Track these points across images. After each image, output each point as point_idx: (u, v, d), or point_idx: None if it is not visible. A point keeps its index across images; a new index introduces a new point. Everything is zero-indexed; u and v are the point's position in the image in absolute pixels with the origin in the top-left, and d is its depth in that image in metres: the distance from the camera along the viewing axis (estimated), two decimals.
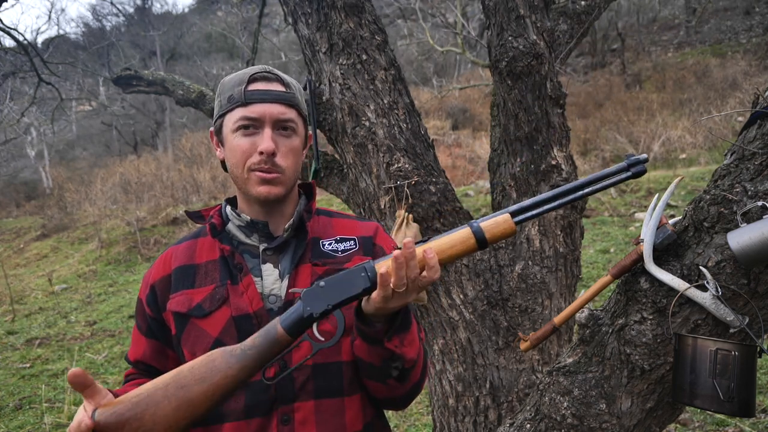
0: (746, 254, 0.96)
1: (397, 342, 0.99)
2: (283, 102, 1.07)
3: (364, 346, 1.01)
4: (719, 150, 10.62)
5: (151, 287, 1.13)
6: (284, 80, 1.10)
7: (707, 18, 19.23)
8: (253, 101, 1.05)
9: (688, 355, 1.03)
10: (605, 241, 6.65)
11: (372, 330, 0.97)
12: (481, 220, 0.92)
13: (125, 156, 20.48)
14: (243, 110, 1.06)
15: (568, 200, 0.94)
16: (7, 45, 6.21)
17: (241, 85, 1.07)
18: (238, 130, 1.06)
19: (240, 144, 1.06)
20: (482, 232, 0.90)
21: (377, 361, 1.02)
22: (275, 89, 1.08)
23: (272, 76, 1.09)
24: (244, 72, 1.09)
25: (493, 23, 2.08)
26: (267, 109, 1.05)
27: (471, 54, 9.95)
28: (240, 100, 1.06)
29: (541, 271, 2.15)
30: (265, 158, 1.05)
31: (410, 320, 1.03)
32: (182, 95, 3.56)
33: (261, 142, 1.05)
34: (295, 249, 1.12)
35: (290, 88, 1.10)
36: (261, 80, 1.08)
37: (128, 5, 25.24)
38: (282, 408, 1.03)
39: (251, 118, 1.05)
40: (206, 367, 0.91)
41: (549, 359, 2.17)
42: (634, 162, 0.95)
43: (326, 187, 2.51)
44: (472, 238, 0.91)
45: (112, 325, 6.56)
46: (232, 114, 1.07)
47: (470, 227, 0.91)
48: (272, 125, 1.06)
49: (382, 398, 1.12)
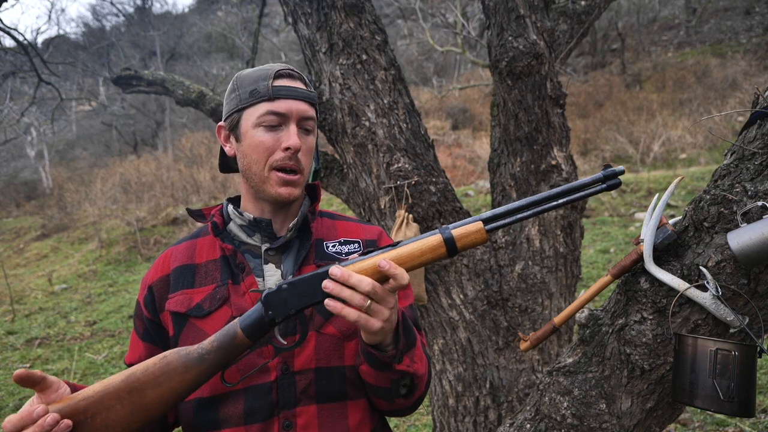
0: (746, 254, 0.96)
1: (408, 361, 0.98)
2: (308, 100, 1.07)
3: (372, 372, 0.99)
4: (719, 150, 10.63)
5: (149, 288, 1.11)
6: (305, 80, 1.10)
7: (707, 18, 19.23)
8: (281, 96, 1.04)
9: (688, 355, 1.03)
10: (605, 241, 6.65)
11: (384, 355, 0.95)
12: (454, 226, 0.89)
13: (125, 156, 20.49)
14: (269, 105, 1.04)
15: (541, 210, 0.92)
16: (7, 45, 6.21)
17: (267, 80, 1.05)
18: (261, 125, 1.05)
19: (263, 139, 1.04)
20: (453, 240, 0.88)
21: (386, 384, 1.00)
22: (300, 87, 1.08)
23: (296, 74, 1.09)
24: (268, 68, 1.08)
25: (493, 23, 2.08)
26: (294, 106, 1.05)
27: (471, 54, 9.96)
28: (267, 94, 1.04)
29: (541, 271, 2.15)
30: (290, 155, 1.04)
31: (415, 335, 1.01)
32: (182, 95, 3.56)
33: (287, 139, 1.04)
34: (298, 250, 1.10)
35: (311, 87, 1.10)
36: (286, 77, 1.07)
37: (128, 5, 25.26)
38: (283, 413, 1.01)
39: (278, 113, 1.04)
40: (161, 371, 0.88)
41: (549, 359, 2.17)
42: (610, 174, 0.92)
43: (326, 187, 2.52)
44: (443, 247, 0.88)
45: (112, 325, 6.56)
46: (255, 108, 1.05)
47: (441, 235, 0.88)
48: (297, 122, 1.06)
49: (385, 411, 1.11)
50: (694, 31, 18.88)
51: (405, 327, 0.97)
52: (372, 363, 0.97)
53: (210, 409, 1.03)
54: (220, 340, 0.91)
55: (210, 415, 1.03)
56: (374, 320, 0.88)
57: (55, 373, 5.24)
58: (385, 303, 0.88)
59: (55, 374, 5.22)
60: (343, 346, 1.05)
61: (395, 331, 0.95)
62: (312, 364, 1.03)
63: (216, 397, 1.02)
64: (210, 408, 1.03)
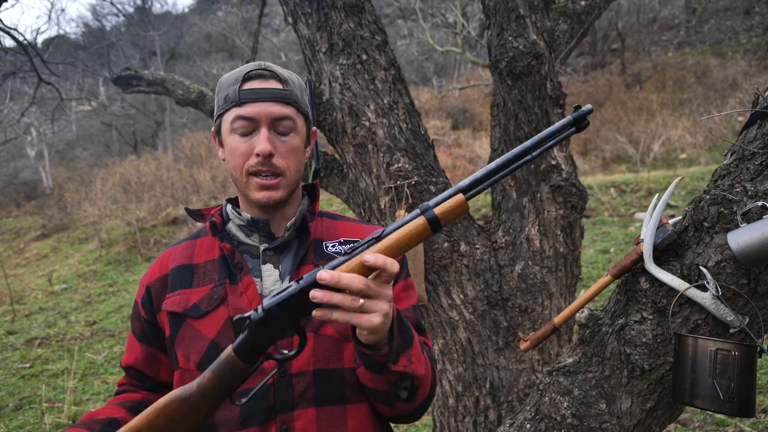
0: (746, 254, 0.96)
1: (405, 361, 0.95)
2: (280, 100, 1.03)
3: (368, 375, 0.96)
4: (719, 150, 10.63)
5: (147, 288, 1.10)
6: (281, 76, 1.05)
7: (707, 18, 19.24)
8: (248, 100, 1.01)
9: (688, 355, 1.03)
10: (605, 241, 6.65)
11: (378, 354, 0.91)
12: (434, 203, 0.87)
13: (125, 156, 20.48)
14: (238, 110, 1.01)
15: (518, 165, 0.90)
16: (7, 45, 6.21)
17: (236, 84, 1.02)
18: (235, 131, 1.03)
19: (237, 146, 1.03)
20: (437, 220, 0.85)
21: (384, 387, 0.97)
22: (271, 87, 1.03)
23: (268, 73, 1.04)
24: (240, 70, 1.05)
25: (493, 23, 2.08)
26: (262, 109, 1.01)
27: (471, 54, 9.96)
28: (235, 100, 1.02)
29: (541, 271, 2.15)
30: (262, 160, 1.01)
31: (412, 334, 0.98)
32: (182, 95, 3.56)
33: (257, 144, 1.01)
34: (296, 250, 1.09)
35: (288, 84, 1.05)
36: (256, 78, 1.03)
37: (128, 5, 25.24)
38: (281, 416, 0.98)
39: (246, 117, 1.01)
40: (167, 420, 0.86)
41: (549, 359, 2.17)
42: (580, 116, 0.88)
43: (326, 187, 2.51)
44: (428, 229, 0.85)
45: (112, 325, 6.56)
46: (228, 114, 1.04)
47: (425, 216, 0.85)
48: (268, 125, 1.02)
49: (389, 417, 1.09)
50: (694, 31, 18.89)
51: (400, 325, 0.94)
52: (367, 364, 0.94)
53: None
54: (216, 371, 0.87)
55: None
56: (372, 316, 0.83)
57: (55, 374, 5.24)
58: (381, 296, 0.84)
59: (54, 374, 5.23)
60: (342, 347, 1.03)
61: (390, 329, 0.91)
62: (310, 367, 1.01)
63: None
64: None
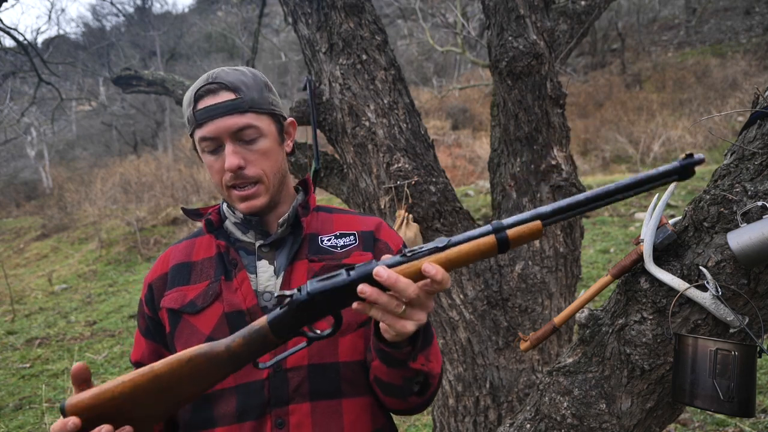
0: (746, 254, 0.96)
1: (423, 360, 0.95)
2: (233, 111, 1.01)
3: (384, 368, 0.96)
4: (719, 150, 10.62)
5: (149, 286, 1.13)
6: (231, 85, 1.02)
7: (707, 18, 19.24)
8: (204, 120, 1.02)
9: (688, 355, 1.03)
10: (605, 241, 6.65)
11: (398, 352, 0.91)
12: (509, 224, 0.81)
13: (125, 156, 20.48)
14: (199, 131, 1.03)
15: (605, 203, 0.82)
16: (7, 45, 6.21)
17: (190, 106, 1.04)
18: (204, 151, 1.05)
19: (212, 164, 1.05)
20: (507, 242, 0.80)
21: (399, 381, 0.97)
22: (222, 101, 1.01)
23: (215, 87, 1.02)
24: (192, 88, 1.05)
25: (493, 23, 2.08)
26: (220, 125, 1.01)
27: (471, 54, 9.96)
28: (193, 122, 1.04)
29: (541, 271, 2.15)
30: (234, 174, 1.03)
31: (432, 333, 0.98)
32: (182, 95, 3.56)
33: (226, 160, 1.02)
34: (291, 245, 1.10)
35: (240, 91, 1.03)
36: (206, 95, 1.02)
37: (128, 5, 25.25)
38: (276, 411, 0.99)
39: (207, 138, 1.02)
40: (190, 372, 0.87)
41: (549, 359, 2.17)
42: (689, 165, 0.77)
43: (326, 187, 2.51)
44: (495, 249, 0.81)
45: (112, 325, 6.56)
46: (195, 135, 1.06)
47: (494, 236, 0.81)
48: (231, 138, 1.02)
49: (396, 410, 1.09)
50: (694, 31, 18.89)
51: (425, 325, 0.94)
52: (384, 359, 0.94)
53: (204, 407, 1.03)
54: (247, 338, 0.88)
55: (204, 413, 1.03)
56: (408, 323, 0.82)
57: (55, 374, 5.24)
58: (424, 307, 0.83)
59: (55, 374, 5.23)
60: (336, 342, 1.04)
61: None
62: (305, 361, 1.01)
63: (208, 394, 1.02)
64: (204, 406, 1.03)
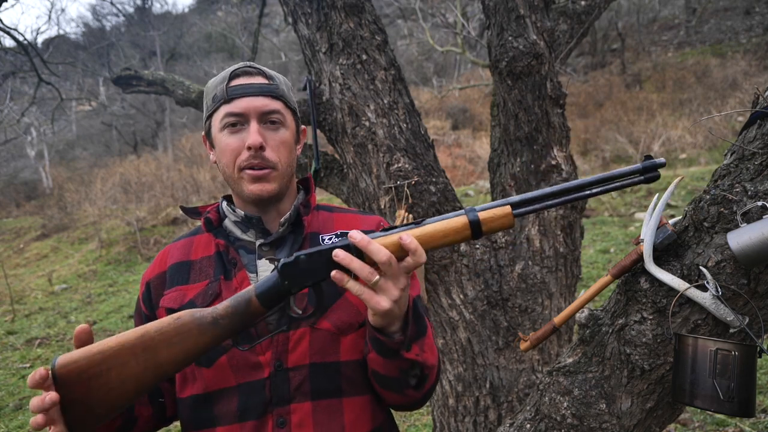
0: (746, 254, 0.96)
1: (417, 350, 0.96)
2: (267, 94, 1.05)
3: (379, 360, 0.97)
4: (719, 150, 10.63)
5: (147, 285, 1.12)
6: (267, 73, 1.08)
7: (707, 18, 19.23)
8: (236, 96, 1.04)
9: (688, 355, 1.03)
10: (605, 241, 6.65)
11: (391, 341, 0.93)
12: (481, 208, 0.86)
13: (125, 156, 20.47)
14: (227, 107, 1.04)
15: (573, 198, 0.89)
16: (7, 45, 6.21)
17: (222, 83, 1.06)
18: (225, 128, 1.05)
19: (228, 142, 1.05)
20: (479, 223, 0.85)
21: (395, 373, 0.98)
22: (257, 82, 1.06)
23: (253, 70, 1.07)
24: (226, 70, 1.08)
25: (493, 23, 2.08)
26: (250, 103, 1.04)
27: (471, 54, 9.96)
28: (223, 97, 1.05)
29: (541, 271, 2.15)
30: (254, 153, 1.03)
31: (425, 324, 0.99)
32: (182, 95, 3.56)
33: (248, 137, 1.03)
34: (292, 244, 1.10)
35: (274, 80, 1.08)
36: (242, 75, 1.06)
37: (128, 5, 25.27)
38: (277, 410, 1.00)
39: (235, 113, 1.04)
40: (176, 331, 0.88)
41: (549, 359, 2.17)
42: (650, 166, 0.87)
43: (326, 187, 2.51)
44: (468, 229, 0.85)
45: (112, 325, 6.56)
46: (217, 113, 1.07)
47: (467, 216, 0.85)
48: (258, 118, 1.04)
49: (395, 405, 1.10)
50: (694, 31, 18.88)
51: (415, 314, 0.96)
52: (379, 349, 0.95)
53: (205, 406, 1.03)
54: (234, 306, 0.90)
55: (205, 412, 1.03)
56: (381, 298, 0.85)
57: None
58: (395, 281, 0.85)
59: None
60: (338, 341, 1.04)
61: (404, 316, 0.94)
62: (306, 360, 1.02)
63: (210, 393, 1.02)
64: (205, 405, 1.03)
